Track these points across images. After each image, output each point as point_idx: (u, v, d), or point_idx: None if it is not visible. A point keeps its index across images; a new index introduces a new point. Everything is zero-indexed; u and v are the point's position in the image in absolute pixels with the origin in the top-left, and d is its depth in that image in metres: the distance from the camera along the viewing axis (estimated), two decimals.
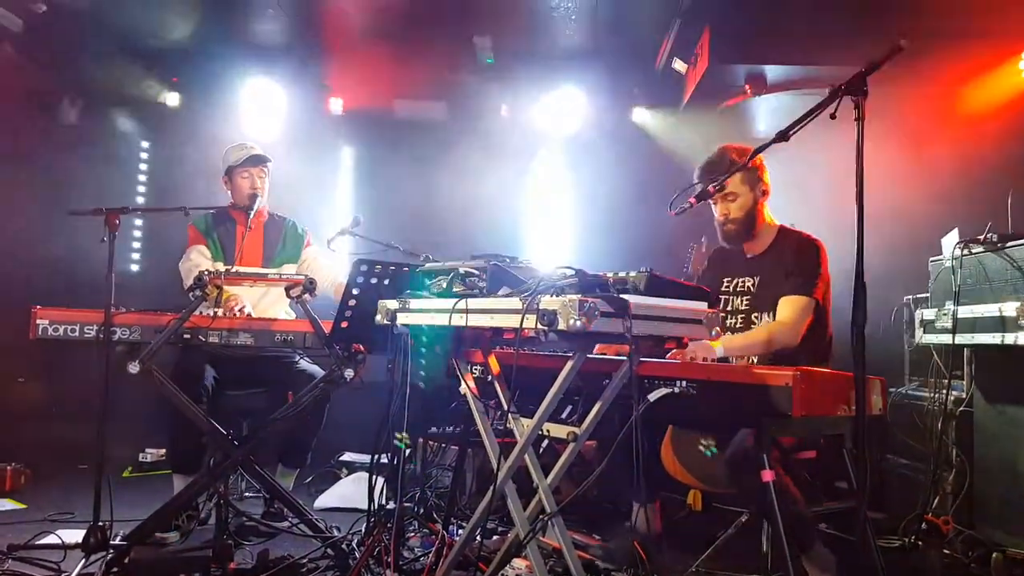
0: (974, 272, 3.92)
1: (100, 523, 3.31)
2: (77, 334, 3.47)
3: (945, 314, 4.00)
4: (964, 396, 4.07)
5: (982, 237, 3.86)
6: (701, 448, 3.47)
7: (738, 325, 3.58)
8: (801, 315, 3.34)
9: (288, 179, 5.10)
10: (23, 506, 4.56)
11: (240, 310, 3.88)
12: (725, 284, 3.71)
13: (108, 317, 3.37)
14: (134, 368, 3.42)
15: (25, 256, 6.41)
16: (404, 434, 3.19)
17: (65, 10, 6.06)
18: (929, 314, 4.18)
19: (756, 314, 3.53)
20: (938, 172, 5.23)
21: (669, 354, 3.04)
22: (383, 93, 7.28)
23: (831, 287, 3.47)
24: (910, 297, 4.74)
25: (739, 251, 3.71)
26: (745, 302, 3.60)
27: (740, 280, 3.66)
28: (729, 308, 3.64)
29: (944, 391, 4.09)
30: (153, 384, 3.50)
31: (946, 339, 3.98)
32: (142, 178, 7.52)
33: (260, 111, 7.16)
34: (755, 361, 3.38)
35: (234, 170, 4.51)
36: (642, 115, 7.25)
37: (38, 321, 3.45)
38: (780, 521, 2.57)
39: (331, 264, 4.64)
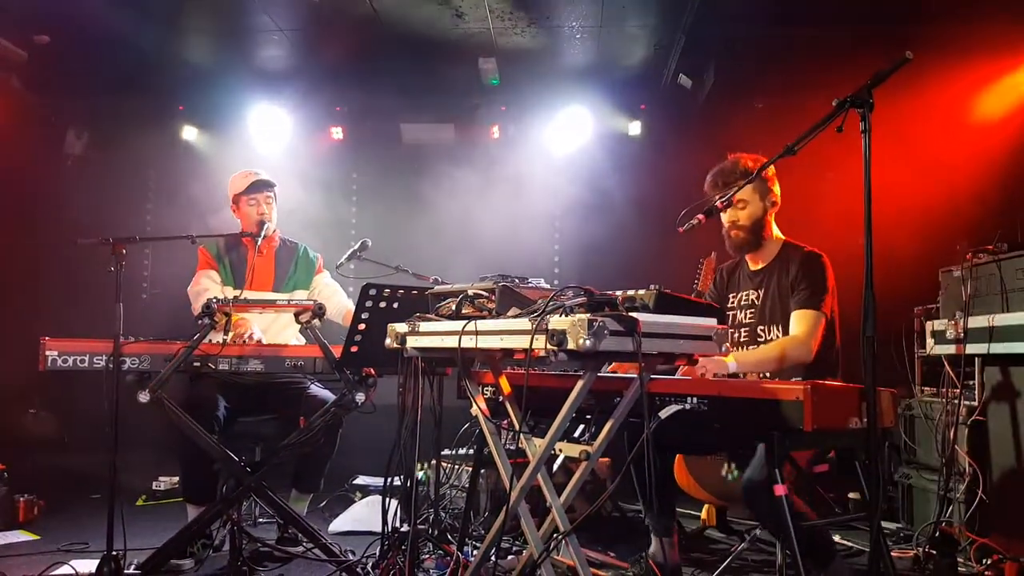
0: (984, 282, 3.92)
1: (114, 553, 3.31)
2: (86, 364, 3.47)
3: (955, 324, 3.99)
4: (976, 406, 4.05)
5: (992, 247, 3.85)
6: (723, 473, 3.46)
7: (742, 339, 3.58)
8: (813, 330, 3.32)
9: (295, 203, 5.12)
10: (36, 537, 4.55)
11: (249, 336, 3.89)
12: (731, 300, 3.71)
13: (117, 347, 3.38)
14: (144, 397, 3.43)
15: (33, 287, 6.45)
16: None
17: (69, 42, 6.11)
18: (939, 324, 4.18)
19: (762, 327, 3.53)
20: (948, 183, 5.24)
21: (680, 370, 3.04)
22: (389, 116, 7.33)
23: (837, 299, 3.47)
24: (920, 308, 4.73)
25: (744, 265, 3.71)
26: (750, 315, 3.59)
27: (745, 294, 3.65)
28: (735, 323, 3.64)
29: (956, 401, 4.07)
30: (164, 413, 3.51)
31: (956, 349, 3.98)
32: (149, 206, 7.57)
33: (266, 137, 7.23)
34: (768, 376, 3.36)
35: (240, 198, 4.51)
36: (648, 131, 7.28)
37: (47, 352, 3.45)
38: (793, 535, 2.56)
39: (340, 291, 4.65)
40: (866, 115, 2.37)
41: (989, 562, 3.69)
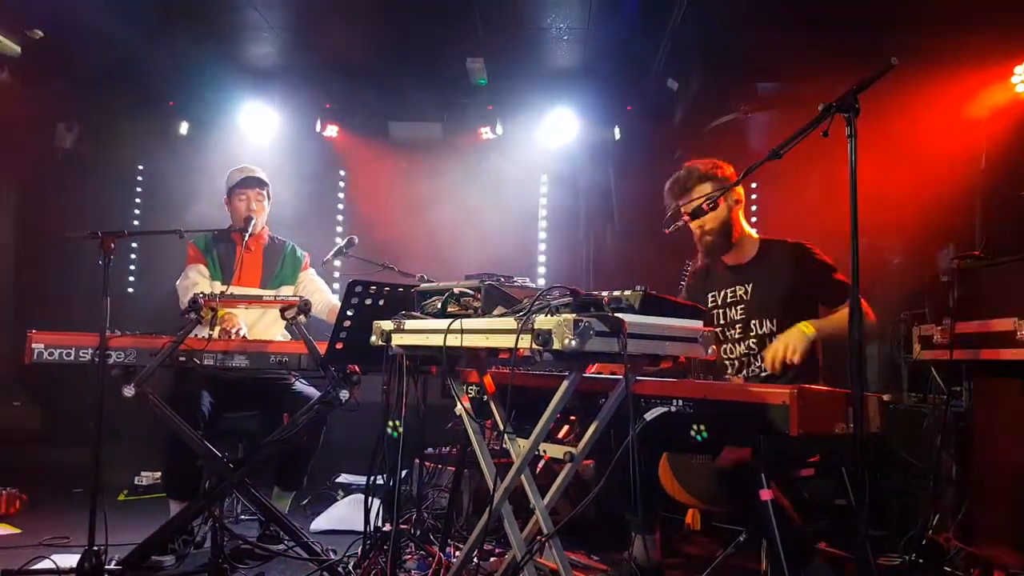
0: (970, 287, 3.91)
1: (95, 547, 3.29)
2: (72, 358, 3.46)
3: (942, 330, 3.99)
4: (963, 412, 4.04)
5: (978, 252, 3.85)
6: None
7: (736, 335, 3.58)
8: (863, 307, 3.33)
9: (283, 200, 5.11)
10: (18, 531, 4.52)
11: (236, 331, 3.88)
12: (712, 299, 3.71)
13: (103, 341, 3.37)
14: (129, 392, 3.42)
15: (21, 280, 6.41)
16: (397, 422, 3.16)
17: (62, 36, 6.09)
18: (927, 329, 4.17)
19: (754, 320, 3.54)
20: (934, 188, 5.23)
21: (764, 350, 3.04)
22: (378, 114, 7.32)
23: None
24: (907, 313, 4.73)
25: (718, 265, 3.71)
26: (740, 311, 3.60)
27: (729, 291, 3.66)
28: (724, 320, 3.64)
29: (943, 407, 4.06)
30: (148, 408, 3.49)
31: (944, 355, 3.96)
32: (138, 201, 7.55)
33: (256, 133, 7.22)
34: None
35: (232, 192, 4.53)
36: (634, 133, 7.27)
37: (33, 345, 3.44)
38: (779, 539, 2.54)
39: (326, 288, 4.65)
40: (852, 120, 2.36)
41: (976, 571, 3.68)
